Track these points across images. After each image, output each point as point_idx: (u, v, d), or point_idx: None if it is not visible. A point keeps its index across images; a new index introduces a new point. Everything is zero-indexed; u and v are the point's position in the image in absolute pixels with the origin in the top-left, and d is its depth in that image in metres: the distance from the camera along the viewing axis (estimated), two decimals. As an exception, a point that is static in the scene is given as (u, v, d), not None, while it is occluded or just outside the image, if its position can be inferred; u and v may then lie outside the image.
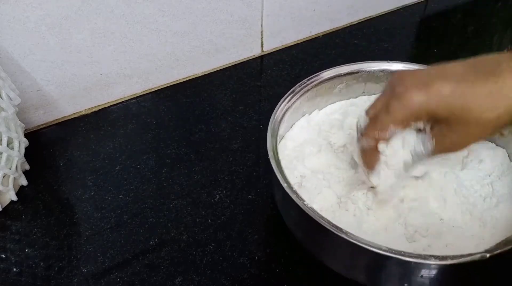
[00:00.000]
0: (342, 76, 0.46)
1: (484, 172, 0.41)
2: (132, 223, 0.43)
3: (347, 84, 0.47)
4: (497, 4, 0.81)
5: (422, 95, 0.30)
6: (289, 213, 0.38)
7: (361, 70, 0.46)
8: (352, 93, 0.48)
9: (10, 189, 0.44)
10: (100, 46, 0.52)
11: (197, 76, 0.62)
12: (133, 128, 0.54)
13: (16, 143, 0.44)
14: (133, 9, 0.51)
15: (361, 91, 0.48)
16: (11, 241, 0.42)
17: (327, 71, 0.45)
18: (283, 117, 0.42)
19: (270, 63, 0.65)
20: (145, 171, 0.48)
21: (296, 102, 0.43)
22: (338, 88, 0.47)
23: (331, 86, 0.46)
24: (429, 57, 0.66)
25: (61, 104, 0.54)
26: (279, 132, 0.41)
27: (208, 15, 0.57)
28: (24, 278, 0.39)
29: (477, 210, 0.38)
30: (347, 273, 0.36)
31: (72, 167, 0.49)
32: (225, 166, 0.49)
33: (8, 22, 0.45)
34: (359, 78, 0.47)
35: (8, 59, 0.47)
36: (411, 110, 0.31)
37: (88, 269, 0.39)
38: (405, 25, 0.74)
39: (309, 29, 0.69)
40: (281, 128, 0.42)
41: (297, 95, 0.43)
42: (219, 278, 0.38)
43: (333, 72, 0.45)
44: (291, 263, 0.39)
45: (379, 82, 0.47)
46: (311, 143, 0.44)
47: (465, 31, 0.73)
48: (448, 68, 0.32)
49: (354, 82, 0.47)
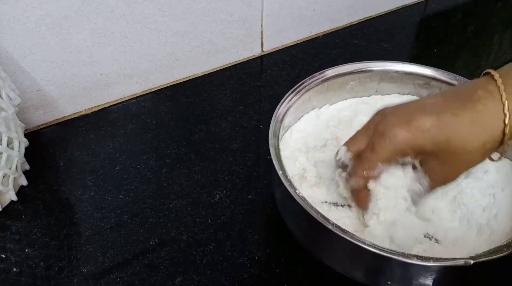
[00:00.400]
0: (355, 73, 0.45)
1: (488, 182, 0.40)
2: (132, 223, 0.43)
3: (360, 82, 0.46)
4: (497, 4, 0.81)
5: (405, 131, 0.31)
6: (289, 212, 0.38)
7: (375, 68, 0.46)
8: (364, 92, 0.48)
9: (10, 189, 0.44)
10: (100, 46, 0.52)
11: (197, 76, 0.62)
12: (133, 128, 0.54)
13: (16, 143, 0.44)
14: (133, 9, 0.51)
15: (374, 90, 0.48)
16: (11, 241, 0.42)
17: (340, 67, 0.45)
18: (290, 109, 0.41)
19: (270, 63, 0.65)
20: (145, 171, 0.48)
21: (306, 94, 0.43)
22: (351, 85, 0.46)
23: (344, 82, 0.46)
24: (429, 57, 0.66)
25: (61, 104, 0.54)
26: (286, 123, 0.41)
27: (208, 15, 0.57)
28: (24, 278, 0.39)
29: (474, 219, 0.38)
30: (346, 271, 0.36)
31: (72, 167, 0.49)
32: (225, 166, 0.49)
33: (8, 22, 0.45)
34: (372, 77, 0.46)
35: (8, 59, 0.47)
36: (396, 147, 0.31)
37: (88, 269, 0.39)
38: (405, 25, 0.74)
39: (309, 29, 0.69)
40: (289, 119, 0.42)
41: (306, 87, 0.43)
42: (219, 278, 0.38)
43: (347, 68, 0.45)
44: (291, 263, 0.39)
45: (392, 82, 0.46)
46: (317, 137, 0.44)
47: (465, 31, 0.73)
48: (428, 102, 0.32)
49: (367, 80, 0.46)
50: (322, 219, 0.31)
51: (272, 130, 0.39)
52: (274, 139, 0.38)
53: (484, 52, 0.68)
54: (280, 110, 0.41)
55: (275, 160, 0.36)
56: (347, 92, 0.47)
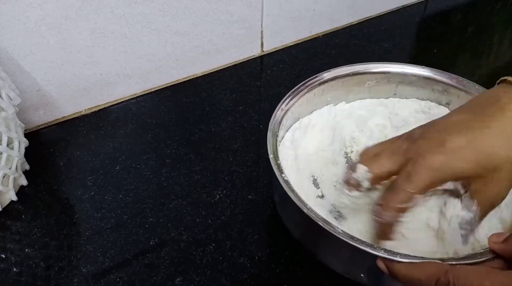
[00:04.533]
0: (372, 73, 0.46)
1: None
2: (132, 223, 0.43)
3: (377, 82, 0.46)
4: (497, 4, 0.81)
5: (441, 155, 0.29)
6: (288, 214, 0.38)
7: (392, 71, 0.46)
8: (382, 93, 0.47)
9: (10, 189, 0.44)
10: (100, 46, 0.52)
11: (197, 76, 0.62)
12: (133, 128, 0.54)
13: (16, 143, 0.44)
14: (133, 9, 0.51)
15: (392, 93, 0.47)
16: (11, 241, 0.42)
17: (354, 66, 0.45)
18: (299, 100, 0.42)
19: (270, 63, 0.65)
20: (145, 171, 0.48)
21: (318, 87, 0.43)
22: (368, 84, 0.46)
23: (360, 81, 0.46)
24: (429, 57, 0.66)
25: (61, 104, 0.54)
26: (296, 114, 0.41)
27: (208, 15, 0.57)
28: (24, 278, 0.39)
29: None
30: (346, 273, 0.36)
31: (72, 167, 0.49)
32: (225, 166, 0.49)
33: (8, 22, 0.45)
34: (390, 78, 0.46)
35: (8, 59, 0.47)
36: (435, 174, 0.29)
37: (88, 269, 0.39)
38: (405, 25, 0.74)
39: (309, 29, 0.69)
40: (300, 111, 0.42)
41: (318, 82, 0.43)
42: (219, 278, 0.38)
43: (364, 67, 0.45)
44: (291, 263, 0.39)
45: (411, 86, 0.46)
46: (326, 132, 0.44)
47: (465, 31, 0.73)
48: (454, 119, 0.31)
49: (385, 81, 0.46)
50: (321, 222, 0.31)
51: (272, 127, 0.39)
52: (273, 139, 0.38)
53: (484, 52, 0.68)
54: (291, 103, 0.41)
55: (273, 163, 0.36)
56: (364, 91, 0.47)
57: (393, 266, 0.28)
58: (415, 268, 0.27)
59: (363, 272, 0.34)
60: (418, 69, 0.45)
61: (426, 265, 0.27)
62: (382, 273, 0.30)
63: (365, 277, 0.34)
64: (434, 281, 0.26)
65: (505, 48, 0.69)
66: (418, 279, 0.27)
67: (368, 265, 0.32)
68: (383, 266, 0.29)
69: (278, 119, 0.40)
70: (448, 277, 0.25)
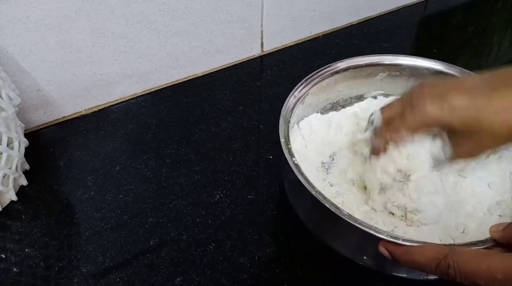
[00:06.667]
0: (385, 65, 0.46)
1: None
2: (132, 223, 0.43)
3: (389, 75, 0.47)
4: (497, 4, 0.81)
5: (436, 107, 0.32)
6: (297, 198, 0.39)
7: (404, 64, 0.46)
8: (394, 86, 0.48)
9: (10, 189, 0.44)
10: (100, 46, 0.52)
11: (197, 76, 0.62)
12: (133, 128, 0.54)
13: (16, 143, 0.44)
14: (133, 9, 0.51)
15: (404, 86, 0.48)
16: (11, 241, 0.42)
17: (369, 57, 0.46)
18: (311, 88, 0.43)
19: (270, 63, 0.65)
20: (145, 171, 0.48)
21: (330, 77, 0.45)
22: (380, 75, 0.47)
23: (373, 72, 0.47)
24: (429, 57, 0.66)
25: (61, 104, 0.54)
26: (307, 100, 0.42)
27: (208, 15, 0.57)
28: (24, 278, 0.39)
29: (477, 218, 0.38)
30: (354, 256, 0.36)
31: (72, 167, 0.49)
32: (225, 166, 0.49)
33: (8, 22, 0.45)
34: (402, 71, 0.47)
35: (8, 59, 0.47)
36: (424, 120, 0.33)
37: (88, 269, 0.39)
38: (405, 25, 0.74)
39: (309, 29, 0.69)
40: (311, 101, 0.43)
41: (331, 71, 0.45)
42: (219, 278, 0.38)
43: (377, 59, 0.46)
44: (291, 263, 0.39)
45: (423, 79, 0.46)
46: (339, 119, 0.45)
47: (465, 31, 0.73)
48: (466, 81, 0.33)
49: (397, 74, 0.47)
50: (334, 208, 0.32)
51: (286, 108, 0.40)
52: (285, 125, 0.39)
53: (484, 52, 0.68)
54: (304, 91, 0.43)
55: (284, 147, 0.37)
56: (376, 83, 0.48)
57: (394, 250, 0.30)
58: (416, 252, 0.29)
59: (366, 255, 0.35)
60: (431, 62, 0.46)
61: (428, 248, 0.29)
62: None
63: (369, 259, 0.35)
64: (434, 265, 0.28)
65: (505, 48, 0.69)
66: (419, 262, 0.28)
67: (372, 248, 0.32)
68: (385, 251, 0.31)
69: (290, 106, 0.41)
70: (448, 261, 0.27)
